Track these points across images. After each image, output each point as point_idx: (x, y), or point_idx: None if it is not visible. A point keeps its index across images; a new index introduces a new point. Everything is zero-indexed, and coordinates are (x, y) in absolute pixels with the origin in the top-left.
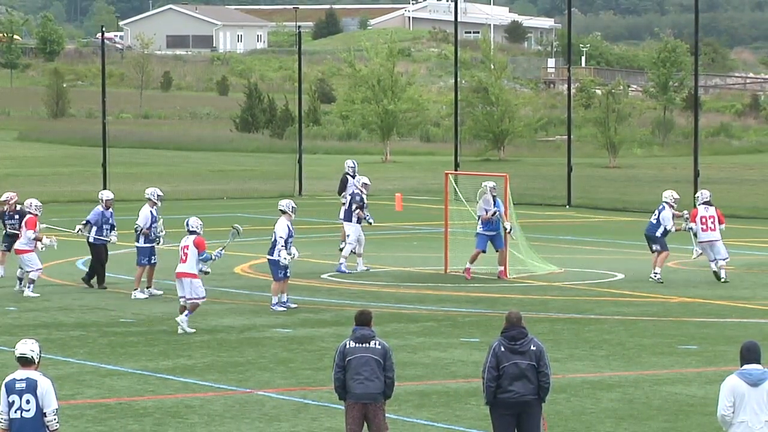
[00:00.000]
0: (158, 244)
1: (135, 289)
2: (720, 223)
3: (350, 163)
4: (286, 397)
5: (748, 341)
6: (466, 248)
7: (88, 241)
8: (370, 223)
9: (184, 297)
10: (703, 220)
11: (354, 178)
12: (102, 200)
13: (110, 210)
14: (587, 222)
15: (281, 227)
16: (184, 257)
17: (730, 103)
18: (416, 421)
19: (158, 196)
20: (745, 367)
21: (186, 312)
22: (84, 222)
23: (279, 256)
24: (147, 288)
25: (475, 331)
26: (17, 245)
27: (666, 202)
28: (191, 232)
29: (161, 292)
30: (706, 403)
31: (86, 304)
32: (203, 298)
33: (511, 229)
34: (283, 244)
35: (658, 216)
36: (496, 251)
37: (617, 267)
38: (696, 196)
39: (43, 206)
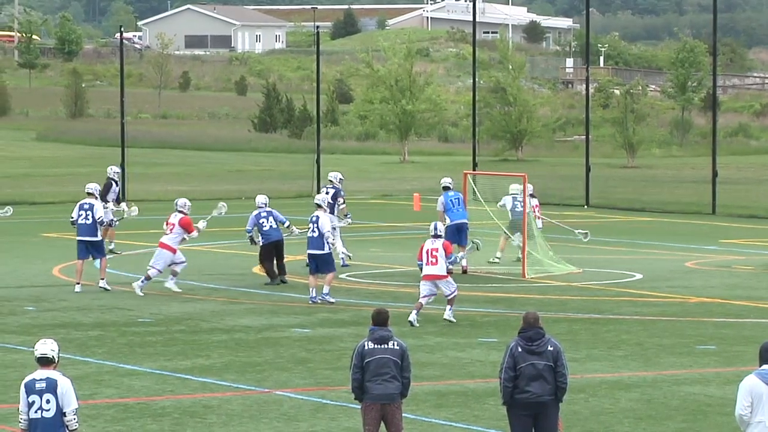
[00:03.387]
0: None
1: None
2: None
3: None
4: (305, 397)
5: (767, 341)
6: (486, 248)
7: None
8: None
9: (429, 297)
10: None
11: (117, 185)
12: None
13: (261, 212)
14: (605, 222)
15: (327, 221)
16: (434, 260)
17: (749, 104)
18: (434, 421)
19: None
20: (764, 367)
21: (449, 307)
22: (248, 233)
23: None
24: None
25: (493, 331)
26: (165, 240)
27: (513, 194)
28: (438, 236)
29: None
30: (724, 404)
31: (105, 304)
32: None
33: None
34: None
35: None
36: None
37: (635, 267)
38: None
39: (62, 206)
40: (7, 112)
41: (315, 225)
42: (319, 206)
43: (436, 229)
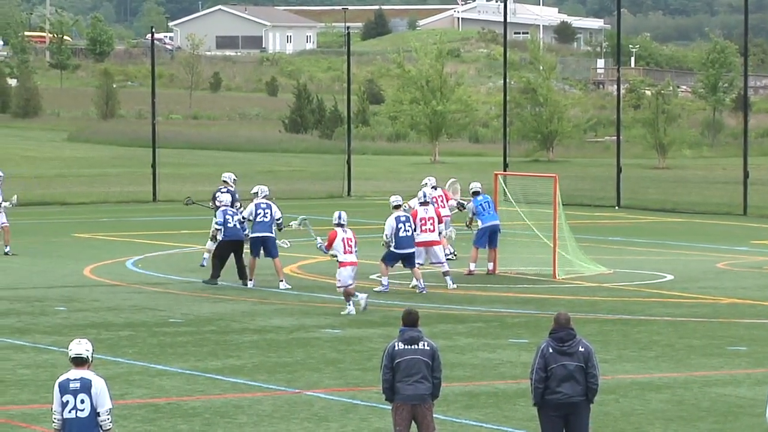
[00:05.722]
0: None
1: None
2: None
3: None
4: (335, 398)
5: None
6: (516, 249)
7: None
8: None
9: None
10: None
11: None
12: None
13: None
14: (636, 223)
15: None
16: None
17: None
18: (465, 422)
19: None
20: None
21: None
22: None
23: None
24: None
25: (523, 332)
26: (433, 237)
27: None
28: (341, 225)
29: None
30: (755, 405)
31: (135, 304)
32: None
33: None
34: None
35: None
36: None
37: (666, 268)
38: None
39: (93, 206)
40: (38, 112)
41: (409, 224)
42: (398, 207)
43: (340, 218)
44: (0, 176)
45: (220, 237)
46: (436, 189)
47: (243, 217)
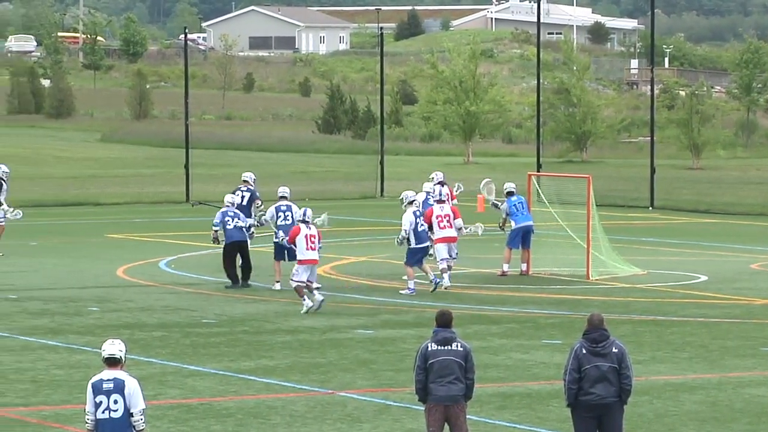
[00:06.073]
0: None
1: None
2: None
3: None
4: (368, 398)
5: None
6: (549, 249)
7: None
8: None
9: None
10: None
11: (6, 184)
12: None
13: (229, 211)
14: (670, 224)
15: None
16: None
17: None
18: (498, 423)
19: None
20: None
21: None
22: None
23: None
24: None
25: (557, 333)
26: (452, 233)
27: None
28: (305, 222)
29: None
30: None
31: (168, 305)
32: None
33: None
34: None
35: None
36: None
37: (700, 269)
38: (431, 177)
39: (126, 207)
40: (72, 113)
41: (422, 218)
42: (412, 203)
43: (305, 215)
44: (6, 172)
45: (221, 239)
46: (443, 186)
47: (265, 220)
